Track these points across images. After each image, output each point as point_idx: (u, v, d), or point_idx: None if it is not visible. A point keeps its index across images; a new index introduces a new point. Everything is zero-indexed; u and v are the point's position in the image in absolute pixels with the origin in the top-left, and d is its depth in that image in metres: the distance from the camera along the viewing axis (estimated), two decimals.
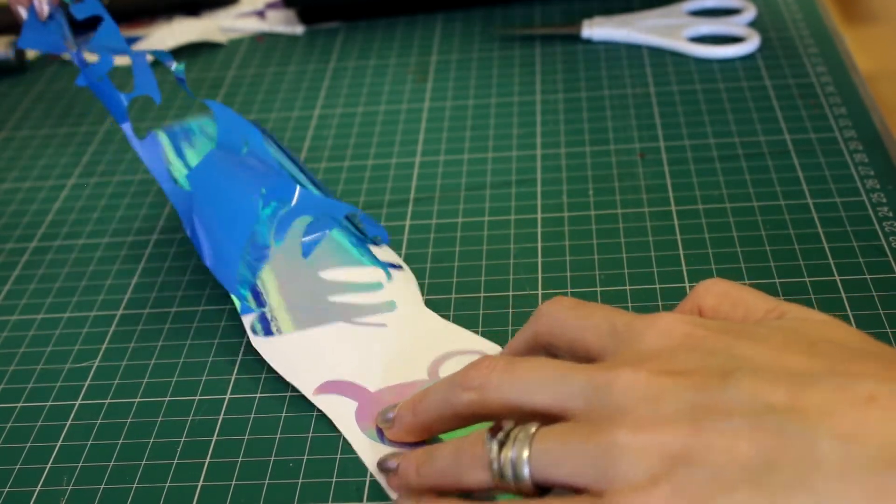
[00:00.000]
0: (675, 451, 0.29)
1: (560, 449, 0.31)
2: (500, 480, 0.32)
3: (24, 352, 0.45)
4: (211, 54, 0.69)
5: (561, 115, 0.57)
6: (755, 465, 0.27)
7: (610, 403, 0.31)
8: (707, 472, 0.28)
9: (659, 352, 0.32)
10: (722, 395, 0.29)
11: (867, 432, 0.27)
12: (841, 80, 0.57)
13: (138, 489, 0.37)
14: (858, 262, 0.43)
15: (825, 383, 0.28)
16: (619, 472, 0.29)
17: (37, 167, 0.59)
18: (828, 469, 0.26)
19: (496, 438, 0.32)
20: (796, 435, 0.27)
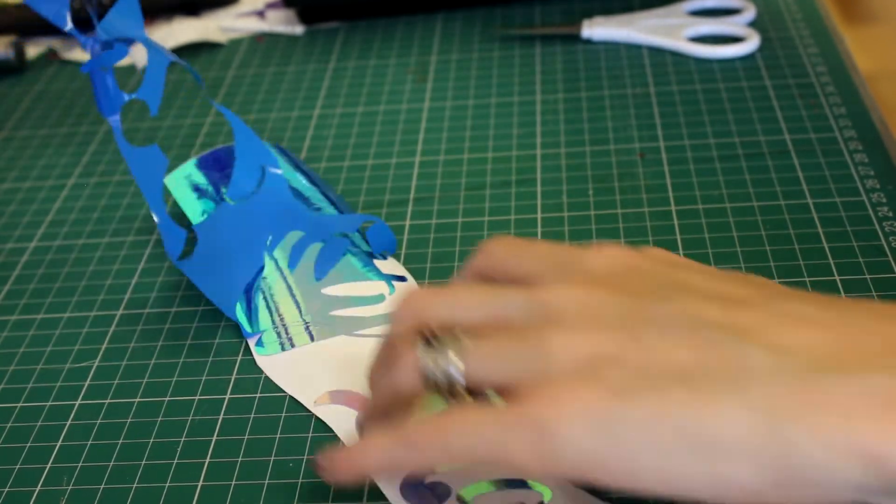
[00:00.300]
0: (609, 354, 0.29)
1: (493, 351, 0.31)
2: (432, 384, 0.31)
3: (24, 352, 0.45)
4: (211, 54, 0.69)
5: (561, 115, 0.57)
6: (689, 369, 0.28)
7: (546, 310, 0.31)
8: (640, 372, 0.28)
9: (600, 273, 0.32)
10: (659, 309, 0.30)
11: (797, 344, 0.27)
12: (841, 80, 0.57)
13: (138, 489, 0.37)
14: (858, 261, 0.43)
15: (758, 305, 0.29)
16: (550, 369, 0.29)
17: (37, 167, 0.59)
18: (758, 375, 0.27)
19: (426, 341, 0.32)
20: (729, 345, 0.28)
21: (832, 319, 0.28)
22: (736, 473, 0.27)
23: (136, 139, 0.60)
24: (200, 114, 0.62)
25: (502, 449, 0.29)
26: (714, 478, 0.27)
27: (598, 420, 0.28)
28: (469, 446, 0.30)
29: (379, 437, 0.32)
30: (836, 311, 0.29)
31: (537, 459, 0.29)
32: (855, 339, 0.27)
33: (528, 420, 0.29)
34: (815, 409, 0.26)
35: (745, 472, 0.27)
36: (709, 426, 0.27)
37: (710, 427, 0.27)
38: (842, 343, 0.27)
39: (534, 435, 0.28)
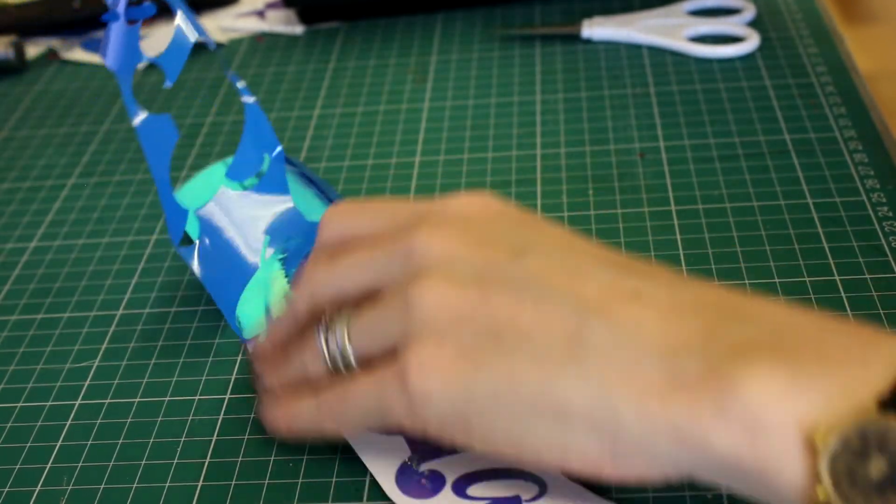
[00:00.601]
0: (463, 313, 0.31)
1: (370, 325, 0.33)
2: (336, 369, 0.35)
3: (24, 351, 0.45)
4: (211, 55, 0.69)
5: (561, 115, 0.57)
6: (533, 336, 0.30)
7: (410, 266, 0.33)
8: (490, 337, 0.31)
9: (457, 218, 0.34)
10: (511, 269, 0.32)
11: (629, 322, 0.30)
12: (841, 80, 0.57)
13: (138, 489, 0.37)
14: (858, 261, 0.43)
15: (601, 276, 0.31)
16: (412, 328, 0.32)
17: (37, 167, 0.59)
18: (594, 347, 0.30)
19: (321, 328, 0.35)
20: (572, 315, 0.30)
21: (661, 299, 0.30)
22: (578, 442, 0.30)
23: (135, 140, 0.60)
24: (200, 114, 0.62)
25: (384, 411, 0.32)
26: (560, 445, 0.30)
27: (454, 387, 0.31)
28: (361, 414, 0.33)
29: (306, 406, 0.35)
30: (665, 290, 0.31)
31: (411, 421, 0.32)
32: (676, 318, 0.30)
33: (398, 384, 0.32)
34: (638, 389, 0.29)
35: (587, 441, 0.30)
36: (550, 395, 0.30)
37: (551, 396, 0.30)
38: (665, 322, 0.30)
39: (405, 400, 0.31)
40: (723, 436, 0.27)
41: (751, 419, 0.27)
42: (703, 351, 0.29)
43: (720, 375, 0.28)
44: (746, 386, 0.27)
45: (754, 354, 0.28)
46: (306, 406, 0.36)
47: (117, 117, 0.63)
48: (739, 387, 0.27)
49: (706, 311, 0.30)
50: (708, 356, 0.28)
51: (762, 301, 0.30)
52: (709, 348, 0.29)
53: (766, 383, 0.27)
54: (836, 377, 0.27)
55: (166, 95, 0.64)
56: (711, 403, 0.27)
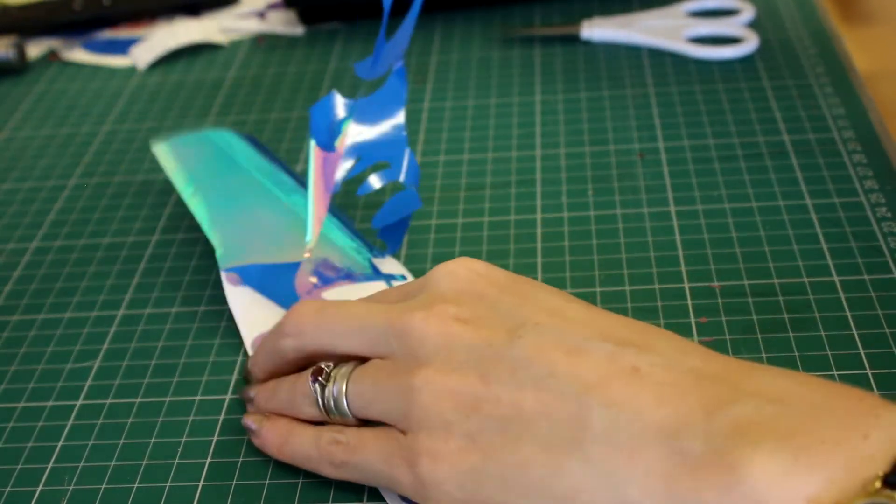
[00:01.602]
0: (467, 402, 0.32)
1: (371, 389, 0.35)
2: (328, 416, 0.36)
3: (25, 352, 0.45)
4: (211, 55, 0.69)
5: (560, 115, 0.57)
6: (537, 423, 0.31)
7: (409, 349, 0.34)
8: (495, 424, 0.32)
9: (449, 295, 0.35)
10: (509, 351, 0.32)
11: (630, 401, 0.30)
12: (839, 81, 0.57)
13: (139, 489, 0.37)
14: (857, 262, 0.44)
15: (598, 352, 0.32)
16: (418, 415, 0.33)
17: (38, 167, 0.59)
18: (597, 433, 0.30)
19: (318, 381, 0.36)
20: (573, 398, 0.31)
21: (658, 372, 0.31)
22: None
23: (137, 140, 0.60)
24: (200, 113, 0.62)
25: (392, 483, 0.34)
26: None
27: (465, 475, 0.32)
28: (365, 472, 0.34)
29: (305, 436, 0.36)
30: (661, 361, 0.31)
31: (420, 498, 0.33)
32: (676, 396, 0.30)
33: (408, 465, 0.33)
34: (642, 471, 0.29)
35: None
36: (558, 483, 0.30)
37: (559, 483, 0.30)
38: (665, 400, 0.30)
39: (415, 482, 0.33)
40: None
41: (756, 501, 0.27)
42: (704, 430, 0.29)
43: (723, 456, 0.28)
44: (750, 467, 0.27)
45: (756, 434, 0.28)
46: (306, 438, 0.36)
47: (118, 118, 0.63)
48: (743, 468, 0.27)
49: (705, 385, 0.30)
50: (710, 436, 0.29)
51: (760, 371, 0.31)
52: (710, 428, 0.29)
53: (769, 464, 0.27)
54: (839, 455, 0.27)
55: (167, 96, 0.64)
56: (716, 485, 0.28)
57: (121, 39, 0.72)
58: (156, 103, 0.64)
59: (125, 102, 0.64)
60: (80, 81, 0.68)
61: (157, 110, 0.63)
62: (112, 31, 0.73)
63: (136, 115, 0.63)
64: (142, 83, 0.67)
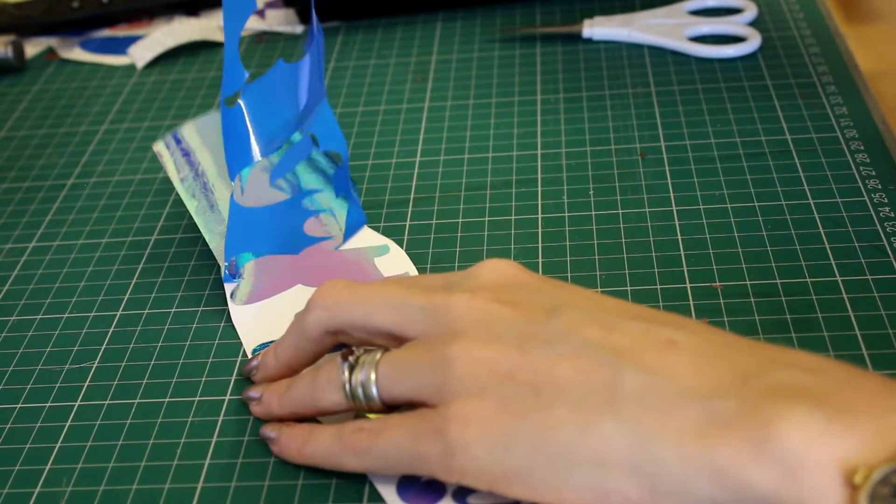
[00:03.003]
0: (503, 370, 0.32)
1: (402, 368, 0.34)
2: (353, 402, 0.35)
3: (24, 352, 0.45)
4: (210, 54, 0.69)
5: (561, 114, 0.57)
6: (571, 388, 0.31)
7: (447, 324, 0.34)
8: (529, 390, 0.32)
9: (492, 284, 0.35)
10: (546, 327, 0.33)
11: (663, 368, 0.31)
12: (842, 80, 0.57)
13: (138, 490, 0.37)
14: (860, 262, 0.43)
15: (632, 327, 0.32)
16: (452, 384, 0.32)
17: (36, 167, 0.59)
18: (630, 394, 0.30)
19: (347, 361, 0.35)
20: (608, 365, 0.31)
21: (694, 346, 0.31)
22: (618, 486, 0.30)
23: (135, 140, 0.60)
24: (199, 112, 0.62)
25: (417, 458, 0.33)
26: (600, 490, 0.31)
27: (495, 438, 0.31)
28: (390, 455, 0.34)
29: (325, 434, 0.36)
30: (696, 337, 0.32)
31: (447, 471, 0.33)
32: (709, 365, 0.31)
33: (436, 435, 0.32)
34: (675, 431, 0.29)
35: (626, 485, 0.30)
36: (589, 442, 0.31)
37: (590, 443, 0.31)
38: (700, 368, 0.31)
39: (442, 450, 0.32)
40: (763, 475, 0.28)
41: (791, 459, 0.27)
42: (738, 393, 0.29)
43: (758, 416, 0.28)
44: (785, 426, 0.28)
45: (790, 397, 0.29)
46: (327, 434, 0.36)
47: (116, 117, 0.63)
48: (778, 427, 0.28)
49: (739, 356, 0.31)
50: (744, 397, 0.29)
51: (792, 350, 0.32)
52: (744, 390, 0.29)
53: (804, 424, 0.28)
54: (871, 422, 0.28)
55: (166, 94, 0.64)
56: (750, 443, 0.28)
57: (119, 38, 0.72)
58: (154, 102, 0.64)
59: (123, 101, 0.64)
60: (78, 80, 0.68)
61: (156, 109, 0.63)
62: (110, 30, 0.73)
63: (134, 113, 0.63)
64: (140, 82, 0.66)
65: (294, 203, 0.47)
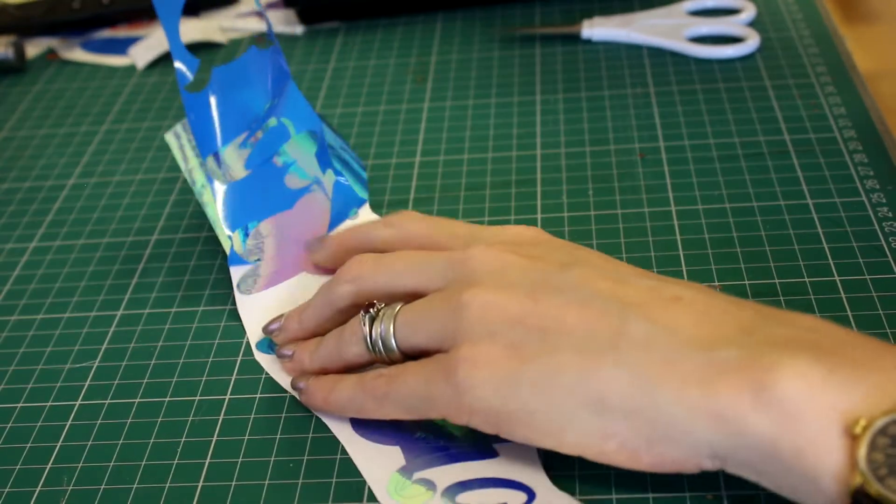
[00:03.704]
0: (513, 315, 0.33)
1: (418, 316, 0.36)
2: (374, 353, 0.37)
3: (24, 352, 0.45)
4: (211, 54, 0.69)
5: (561, 115, 0.57)
6: (577, 333, 0.32)
7: (464, 274, 0.36)
8: (537, 335, 0.33)
9: (510, 240, 0.37)
10: (558, 277, 0.34)
11: (669, 320, 0.32)
12: (841, 80, 0.57)
13: (138, 489, 0.37)
14: (858, 262, 0.43)
15: (642, 283, 0.34)
16: (463, 328, 0.34)
17: (36, 167, 0.59)
18: (634, 341, 0.31)
19: (368, 314, 0.37)
20: (614, 314, 0.32)
21: (700, 303, 0.32)
22: (617, 429, 0.31)
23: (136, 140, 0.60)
24: None
25: (429, 400, 0.34)
26: (599, 432, 0.31)
27: (501, 379, 0.33)
28: (406, 398, 0.35)
29: (348, 381, 0.37)
30: (705, 296, 0.33)
31: (456, 412, 0.34)
32: (713, 320, 0.32)
33: (447, 376, 0.33)
34: (677, 377, 0.30)
35: (625, 428, 0.31)
36: (591, 385, 0.31)
37: (592, 386, 0.31)
38: (704, 322, 0.31)
39: (452, 391, 0.33)
40: (763, 421, 0.28)
41: (791, 406, 0.28)
42: (742, 343, 0.30)
43: (760, 364, 0.29)
44: (787, 375, 0.28)
45: (793, 349, 0.29)
46: (350, 381, 0.37)
47: (117, 117, 0.63)
48: (780, 375, 0.28)
49: (744, 312, 0.32)
50: (747, 347, 0.30)
51: (795, 312, 0.32)
52: (748, 341, 0.30)
53: (805, 373, 0.28)
54: (871, 376, 0.28)
55: (166, 95, 0.64)
56: (751, 389, 0.29)
57: (120, 39, 0.72)
58: (155, 102, 0.64)
59: (124, 102, 0.64)
60: (78, 81, 0.68)
61: (156, 109, 0.63)
62: (111, 31, 0.73)
63: (134, 114, 0.63)
64: (141, 82, 0.66)
65: (266, 165, 0.48)
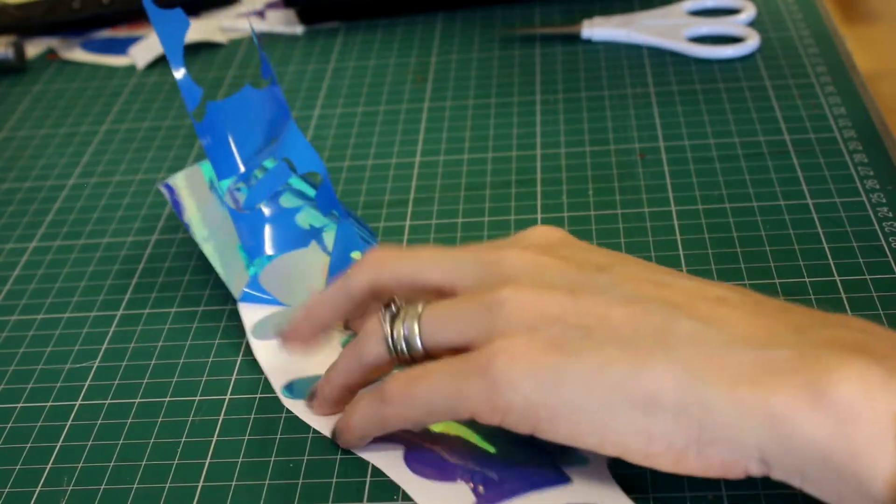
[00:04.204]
0: (554, 312, 0.32)
1: (448, 313, 0.33)
2: (395, 353, 0.34)
3: (24, 352, 0.45)
4: (210, 54, 0.69)
5: (561, 115, 0.57)
6: (623, 330, 0.31)
7: (498, 274, 0.34)
8: (580, 331, 0.31)
9: (542, 244, 0.35)
10: (598, 278, 0.33)
11: (716, 319, 0.31)
12: (841, 80, 0.57)
13: (138, 490, 0.37)
14: (858, 262, 0.43)
15: (686, 285, 0.33)
16: (499, 324, 0.32)
17: (36, 167, 0.59)
18: (682, 339, 0.30)
19: (389, 309, 0.34)
20: (659, 313, 0.31)
21: (747, 304, 0.32)
22: (664, 429, 0.30)
23: (136, 140, 0.60)
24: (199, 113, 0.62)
25: (459, 398, 0.32)
26: (645, 432, 0.30)
27: (543, 374, 0.31)
28: (430, 398, 0.33)
29: (363, 397, 0.35)
30: (751, 298, 0.32)
31: (490, 409, 0.31)
32: (764, 320, 0.31)
33: (481, 370, 0.31)
34: (728, 375, 0.29)
35: (673, 428, 0.30)
36: (639, 382, 0.30)
37: (640, 383, 0.30)
38: (753, 322, 0.30)
39: (487, 385, 0.31)
40: (817, 424, 0.28)
41: (847, 409, 0.27)
42: (795, 343, 0.29)
43: (814, 365, 0.28)
44: (844, 376, 0.28)
45: (846, 350, 0.28)
46: (364, 398, 0.35)
47: (117, 117, 0.63)
48: (837, 376, 0.28)
49: (792, 315, 0.31)
50: (801, 347, 0.29)
51: (846, 315, 0.32)
52: (801, 341, 0.29)
53: (863, 376, 0.28)
54: None
55: (166, 95, 0.64)
56: (808, 391, 0.28)
57: (120, 39, 0.72)
58: (155, 103, 0.64)
59: (124, 102, 0.64)
60: (78, 81, 0.68)
61: (156, 109, 0.63)
62: (111, 31, 0.73)
63: (134, 114, 0.63)
64: (141, 82, 0.66)
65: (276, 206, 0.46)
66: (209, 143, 0.45)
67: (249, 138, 0.46)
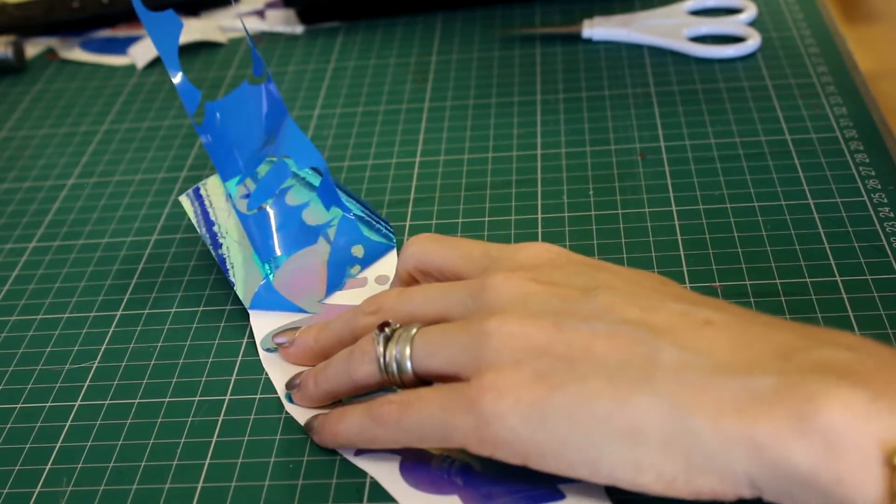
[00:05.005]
0: (539, 344, 0.32)
1: (438, 340, 0.34)
2: (386, 374, 0.35)
3: (24, 352, 0.45)
4: (210, 54, 0.69)
5: (561, 115, 0.57)
6: (607, 362, 0.31)
7: (484, 303, 0.34)
8: (565, 364, 0.32)
9: (529, 266, 0.36)
10: (583, 306, 0.33)
11: (701, 346, 0.31)
12: (842, 80, 0.57)
13: (138, 490, 0.37)
14: (859, 262, 0.43)
15: (671, 308, 0.32)
16: (487, 356, 0.32)
17: (36, 167, 0.59)
18: (667, 370, 0.30)
19: (383, 332, 0.35)
20: (644, 342, 0.31)
21: (732, 326, 0.31)
22: (653, 460, 0.30)
23: (136, 140, 0.60)
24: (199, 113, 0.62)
25: (448, 431, 0.33)
26: (634, 463, 0.30)
27: (531, 408, 0.31)
28: (420, 426, 0.34)
29: (355, 411, 0.36)
30: (735, 318, 0.32)
31: (478, 442, 0.32)
32: (747, 343, 0.31)
33: (470, 405, 0.32)
34: (713, 405, 0.29)
35: (661, 458, 0.30)
36: (624, 415, 0.30)
37: (625, 415, 0.30)
38: (738, 347, 0.31)
39: (476, 420, 0.32)
40: (803, 451, 0.28)
41: (833, 436, 0.27)
42: (779, 369, 0.29)
43: (799, 392, 0.28)
44: (828, 403, 0.28)
45: (833, 374, 0.28)
46: (356, 410, 0.36)
47: (117, 117, 0.63)
48: (820, 403, 0.28)
49: (778, 334, 0.31)
50: (785, 373, 0.29)
51: (833, 329, 0.31)
52: (785, 367, 0.29)
53: (847, 402, 0.28)
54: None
55: (166, 95, 0.64)
56: (790, 418, 0.28)
57: (119, 38, 0.72)
58: (154, 102, 0.64)
59: (124, 101, 0.64)
60: (78, 80, 0.68)
61: (156, 109, 0.63)
62: (111, 30, 0.73)
63: (134, 114, 0.63)
64: (140, 82, 0.66)
65: (282, 205, 0.46)
66: (209, 141, 0.45)
67: (249, 135, 0.46)
